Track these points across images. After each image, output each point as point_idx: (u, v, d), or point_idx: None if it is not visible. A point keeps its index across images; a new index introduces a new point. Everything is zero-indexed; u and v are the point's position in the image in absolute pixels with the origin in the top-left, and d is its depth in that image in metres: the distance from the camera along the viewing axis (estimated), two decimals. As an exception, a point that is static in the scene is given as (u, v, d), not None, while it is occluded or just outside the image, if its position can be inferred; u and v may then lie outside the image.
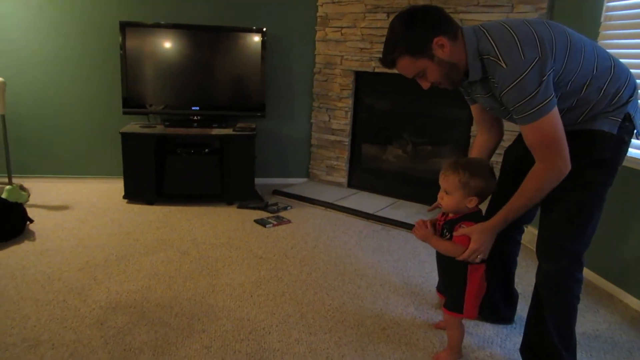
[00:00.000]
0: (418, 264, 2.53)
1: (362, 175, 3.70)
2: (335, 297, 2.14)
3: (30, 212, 2.81)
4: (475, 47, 1.43)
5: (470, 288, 1.62)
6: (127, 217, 3.00)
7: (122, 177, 3.23)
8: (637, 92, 1.54)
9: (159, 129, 3.30)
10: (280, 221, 3.02)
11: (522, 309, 1.99)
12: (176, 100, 3.44)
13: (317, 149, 3.85)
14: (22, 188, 3.19)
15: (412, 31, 1.43)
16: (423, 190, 3.38)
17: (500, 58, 1.37)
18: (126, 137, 3.17)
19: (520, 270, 2.26)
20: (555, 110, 1.38)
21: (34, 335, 1.77)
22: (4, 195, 2.88)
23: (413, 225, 1.70)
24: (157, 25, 3.32)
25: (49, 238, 2.62)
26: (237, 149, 3.28)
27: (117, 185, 3.43)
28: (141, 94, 3.38)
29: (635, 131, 1.53)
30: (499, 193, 1.67)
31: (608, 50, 1.57)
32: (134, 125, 3.34)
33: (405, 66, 1.48)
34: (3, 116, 2.94)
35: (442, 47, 1.42)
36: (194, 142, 3.37)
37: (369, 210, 3.17)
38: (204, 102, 3.47)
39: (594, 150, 1.49)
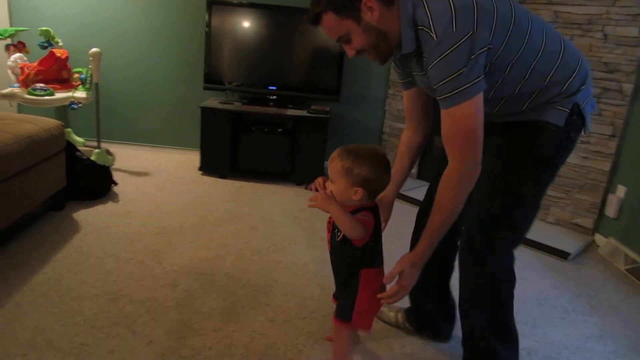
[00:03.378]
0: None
1: (432, 167, 3.63)
2: (398, 287, 2.13)
3: (115, 176, 3.00)
4: (410, 15, 1.24)
5: (363, 295, 1.42)
6: (201, 188, 3.13)
7: (199, 149, 3.37)
8: (589, 81, 1.38)
9: (236, 105, 3.40)
10: (347, 206, 3.03)
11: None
12: (254, 78, 3.52)
13: (388, 137, 3.81)
14: (108, 152, 3.41)
15: None
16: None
17: (432, 29, 1.20)
18: (205, 112, 3.29)
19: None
20: (480, 96, 1.22)
21: (114, 289, 1.91)
22: (93, 158, 3.09)
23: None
24: (240, 5, 3.40)
25: (131, 201, 2.79)
26: (309, 131, 3.32)
27: (193, 157, 3.59)
28: (221, 71, 3.49)
29: (584, 127, 1.37)
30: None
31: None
32: (213, 101, 3.46)
33: (329, 25, 1.31)
34: (97, 84, 3.14)
35: (371, 10, 1.25)
36: (268, 121, 3.45)
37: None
38: (280, 82, 3.53)
39: (536, 144, 1.35)
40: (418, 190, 3.39)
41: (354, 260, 1.42)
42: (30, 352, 1.53)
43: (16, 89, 3.03)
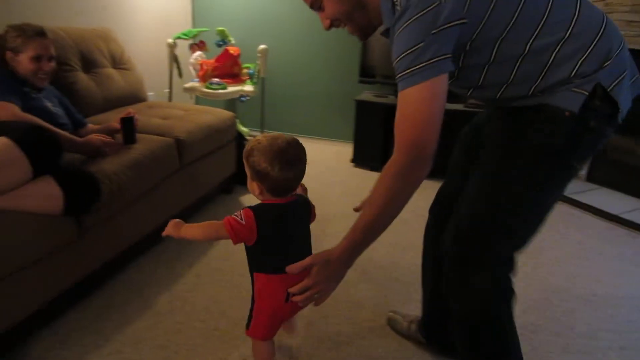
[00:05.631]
0: (673, 282, 2.13)
1: (606, 169, 3.24)
2: (564, 299, 1.96)
3: (275, 164, 3.21)
4: None
5: (257, 301, 1.28)
6: (353, 180, 3.21)
7: (352, 142, 3.46)
8: (622, 54, 1.04)
9: (390, 99, 3.40)
10: (504, 206, 2.86)
11: None
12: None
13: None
14: (269, 142, 3.67)
15: None
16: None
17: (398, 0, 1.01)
18: (360, 105, 3.36)
19: None
20: (441, 79, 1.00)
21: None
22: (256, 147, 3.35)
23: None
24: (402, -3, 3.38)
25: (289, 189, 2.96)
26: (465, 125, 3.18)
27: (345, 149, 3.69)
28: (376, 64, 3.52)
29: (619, 115, 1.04)
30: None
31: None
32: (367, 94, 3.52)
33: None
34: (263, 79, 3.39)
35: None
36: (422, 115, 3.39)
37: (612, 210, 2.77)
38: (437, 75, 3.44)
39: (541, 131, 1.06)
40: (588, 194, 3.07)
41: (249, 261, 1.32)
42: (208, 319, 1.72)
43: (196, 84, 3.41)
